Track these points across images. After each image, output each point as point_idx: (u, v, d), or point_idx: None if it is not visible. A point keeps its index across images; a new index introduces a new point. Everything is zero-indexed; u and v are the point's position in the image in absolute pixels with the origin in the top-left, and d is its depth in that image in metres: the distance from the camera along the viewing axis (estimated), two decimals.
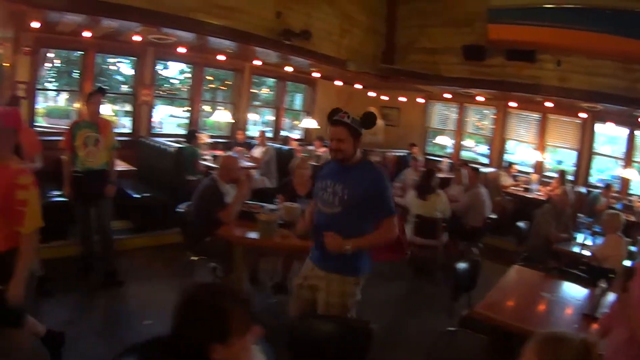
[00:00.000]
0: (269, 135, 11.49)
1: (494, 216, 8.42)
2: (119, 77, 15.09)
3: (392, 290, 6.80)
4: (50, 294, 5.18)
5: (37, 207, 3.29)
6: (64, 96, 14.12)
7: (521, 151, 12.46)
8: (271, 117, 13.33)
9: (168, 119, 17.10)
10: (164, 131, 11.38)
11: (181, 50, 9.05)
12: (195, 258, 5.63)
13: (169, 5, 7.01)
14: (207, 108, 12.79)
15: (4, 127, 3.34)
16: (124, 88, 14.18)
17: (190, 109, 10.84)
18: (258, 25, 8.33)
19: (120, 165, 7.24)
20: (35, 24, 7.15)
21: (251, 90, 11.87)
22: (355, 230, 3.50)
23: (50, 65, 11.92)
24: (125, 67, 14.29)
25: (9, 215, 3.20)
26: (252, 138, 11.02)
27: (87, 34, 7.92)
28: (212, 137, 10.43)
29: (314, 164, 7.78)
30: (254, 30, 8.27)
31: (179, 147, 8.06)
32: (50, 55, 9.96)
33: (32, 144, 5.98)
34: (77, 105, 9.25)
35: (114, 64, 14.84)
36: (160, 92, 12.97)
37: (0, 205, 3.16)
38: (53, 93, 13.90)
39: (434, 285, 7.06)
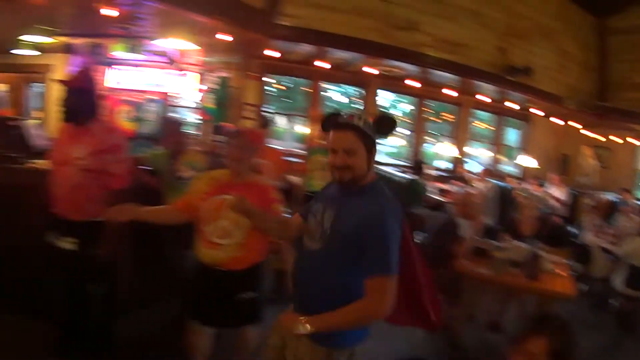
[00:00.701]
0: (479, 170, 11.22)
1: None
2: (331, 104, 15.59)
3: (595, 339, 6.25)
4: (277, 302, 5.35)
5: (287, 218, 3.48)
6: (281, 119, 14.89)
7: None
8: (485, 151, 13.07)
9: None
10: None
11: (409, 82, 9.24)
12: None
13: (402, 40, 7.20)
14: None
15: (249, 144, 3.49)
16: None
17: (414, 140, 10.97)
18: (482, 60, 8.34)
19: None
20: (271, 53, 7.68)
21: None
22: (338, 281, 2.49)
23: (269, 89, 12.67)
24: (336, 94, 14.57)
25: None
26: (471, 172, 10.86)
27: (318, 63, 8.33)
28: (435, 169, 10.46)
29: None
30: (477, 65, 8.24)
31: (411, 179, 8.10)
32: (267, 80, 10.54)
33: (278, 163, 6.24)
34: (299, 129, 9.69)
35: (325, 90, 15.43)
36: None
37: None
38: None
39: (636, 340, 6.52)
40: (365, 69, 8.34)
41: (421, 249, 5.53)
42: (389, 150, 13.78)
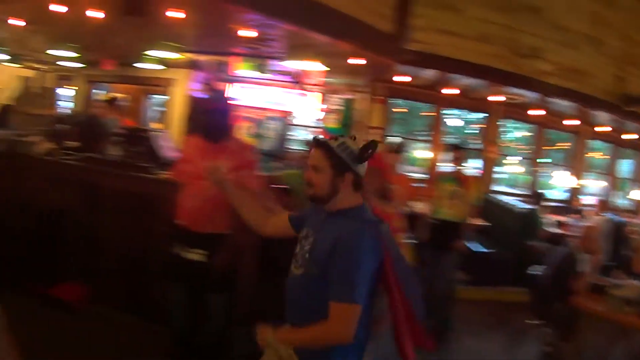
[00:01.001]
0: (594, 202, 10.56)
1: None
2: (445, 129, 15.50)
3: None
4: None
5: (407, 248, 3.54)
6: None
7: None
8: (598, 183, 12.48)
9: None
10: None
11: (532, 111, 9.17)
12: (534, 322, 5.61)
13: (524, 68, 7.17)
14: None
15: (373, 168, 3.47)
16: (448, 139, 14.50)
17: (531, 169, 10.79)
18: (600, 88, 8.14)
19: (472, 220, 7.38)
20: (400, 78, 7.77)
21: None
22: (319, 307, 2.40)
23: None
24: (453, 119, 14.42)
25: None
26: (587, 204, 10.41)
27: (445, 90, 8.37)
28: (550, 200, 10.06)
29: None
30: (596, 93, 8.08)
31: (530, 209, 7.98)
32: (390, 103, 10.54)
33: (407, 190, 6.17)
34: (418, 153, 9.70)
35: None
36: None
37: None
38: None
39: None
40: (492, 97, 8.33)
41: (536, 281, 5.52)
42: (502, 177, 13.43)
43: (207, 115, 4.02)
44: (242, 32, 5.98)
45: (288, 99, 9.54)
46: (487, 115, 9.83)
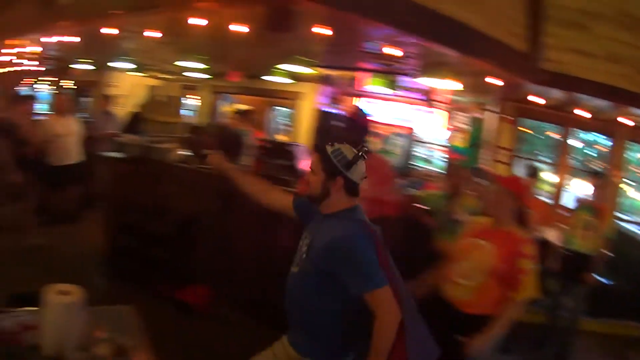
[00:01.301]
0: None
1: None
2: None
3: None
4: (509, 352, 5.30)
5: (535, 278, 3.43)
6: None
7: None
8: None
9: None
10: None
11: None
12: None
13: None
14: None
15: (502, 188, 3.61)
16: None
17: None
18: None
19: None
20: (534, 98, 7.80)
21: None
22: (314, 302, 2.70)
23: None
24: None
25: (506, 281, 3.41)
26: None
27: (577, 111, 8.28)
28: None
29: None
30: None
31: None
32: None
33: (540, 215, 6.18)
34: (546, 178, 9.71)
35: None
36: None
37: (501, 269, 3.40)
38: None
39: None
40: (621, 119, 8.20)
41: None
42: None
43: (345, 130, 4.29)
44: (387, 50, 6.08)
45: (415, 115, 9.67)
46: (610, 137, 9.50)
